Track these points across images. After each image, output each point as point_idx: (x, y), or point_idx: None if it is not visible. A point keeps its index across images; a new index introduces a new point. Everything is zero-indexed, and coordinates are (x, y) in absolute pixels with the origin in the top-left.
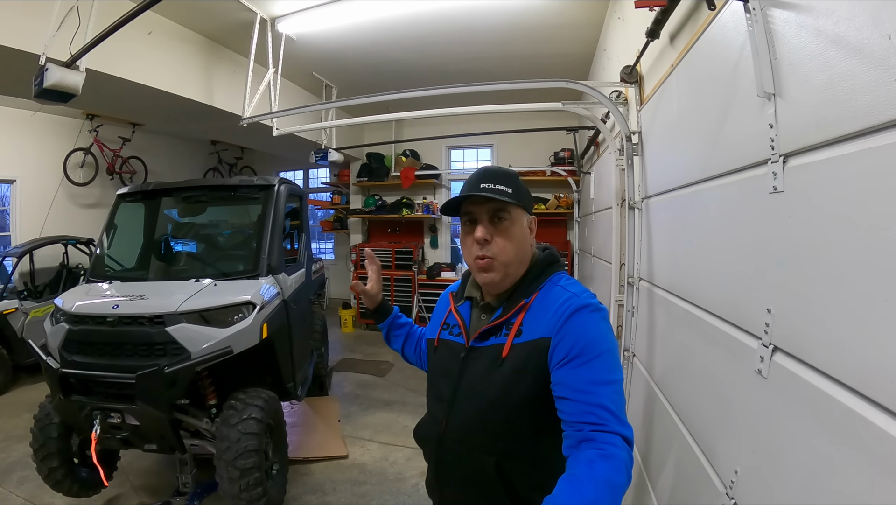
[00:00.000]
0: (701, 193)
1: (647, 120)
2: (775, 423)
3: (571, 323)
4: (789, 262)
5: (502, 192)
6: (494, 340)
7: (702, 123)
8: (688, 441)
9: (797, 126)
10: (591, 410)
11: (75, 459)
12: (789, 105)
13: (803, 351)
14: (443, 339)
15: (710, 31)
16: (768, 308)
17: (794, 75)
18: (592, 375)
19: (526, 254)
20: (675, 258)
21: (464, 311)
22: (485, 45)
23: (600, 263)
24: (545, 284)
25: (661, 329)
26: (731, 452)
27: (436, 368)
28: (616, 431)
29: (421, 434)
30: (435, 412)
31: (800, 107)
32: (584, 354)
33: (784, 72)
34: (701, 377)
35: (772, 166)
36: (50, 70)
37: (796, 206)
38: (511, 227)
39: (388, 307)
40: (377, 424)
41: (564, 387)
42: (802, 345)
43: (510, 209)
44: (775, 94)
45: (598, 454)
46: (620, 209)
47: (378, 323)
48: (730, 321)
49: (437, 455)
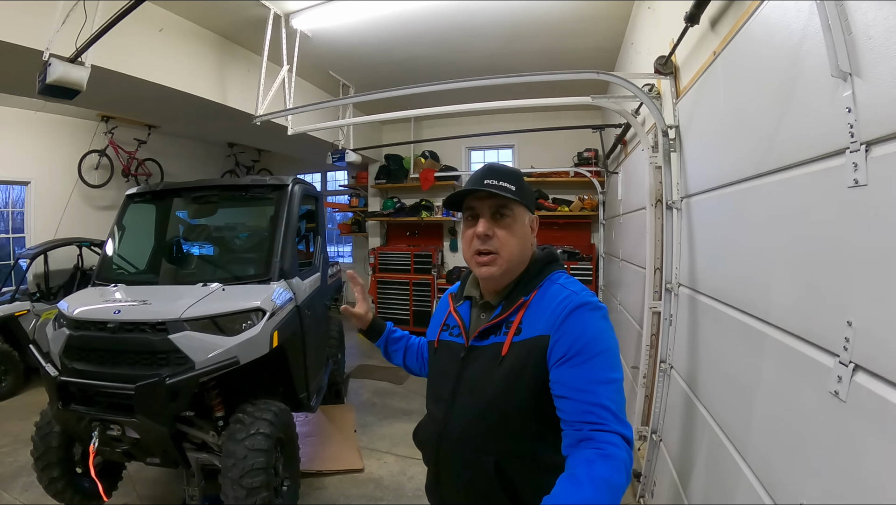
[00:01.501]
0: (758, 190)
1: (685, 113)
2: (854, 452)
3: (570, 321)
4: (876, 266)
5: (505, 189)
6: (494, 338)
7: (756, 113)
8: (740, 466)
9: (881, 109)
10: (591, 409)
11: (77, 468)
12: (870, 85)
13: (893, 371)
14: (442, 340)
15: (763, 11)
16: (849, 321)
17: (875, 51)
18: (592, 373)
19: (527, 252)
20: (725, 262)
21: (463, 311)
22: (507, 40)
23: (630, 268)
24: (544, 281)
25: (706, 341)
26: (796, 483)
27: (436, 370)
28: (615, 431)
29: (420, 436)
30: (434, 413)
31: (883, 86)
32: (583, 352)
33: (862, 48)
34: (760, 397)
35: (851, 156)
36: (53, 65)
37: (884, 200)
38: (513, 223)
39: (380, 325)
40: (395, 434)
41: (563, 386)
42: (892, 364)
43: (512, 206)
44: (852, 74)
45: (597, 454)
46: (655, 209)
47: (374, 341)
48: (798, 335)
49: (436, 456)
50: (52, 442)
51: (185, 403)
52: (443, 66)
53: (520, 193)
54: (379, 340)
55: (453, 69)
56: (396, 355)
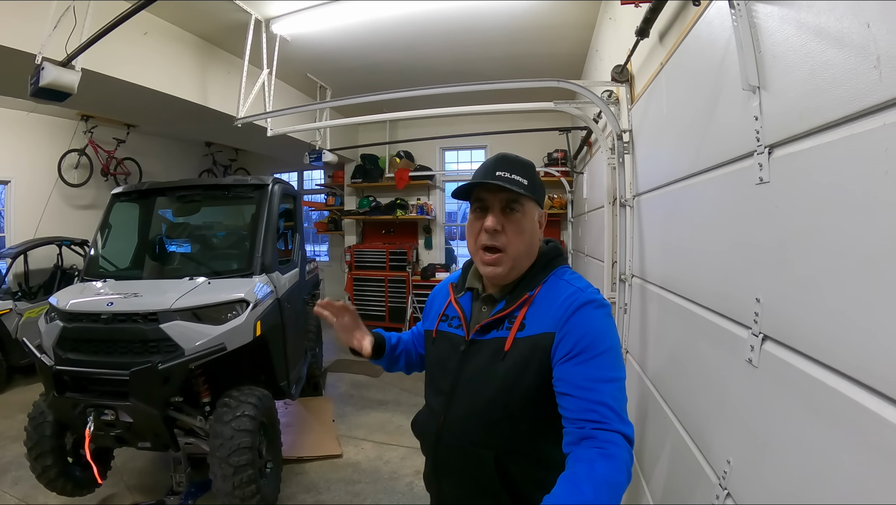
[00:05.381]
0: (690, 188)
1: (637, 118)
2: (767, 411)
3: (576, 318)
4: (777, 250)
5: (518, 183)
6: (496, 333)
7: (690, 119)
8: (681, 434)
9: (781, 117)
10: (593, 407)
11: (69, 458)
12: (773, 97)
13: (793, 339)
14: (441, 330)
15: (697, 28)
16: (757, 297)
17: (778, 67)
18: (596, 371)
19: (534, 248)
20: (667, 253)
21: (464, 302)
22: (478, 47)
23: (593, 262)
24: (549, 277)
25: (653, 325)
26: (723, 442)
27: (434, 361)
28: (617, 430)
29: (419, 427)
30: (433, 405)
31: (783, 98)
32: (587, 350)
33: (768, 64)
34: (693, 370)
35: (757, 157)
36: (46, 69)
37: (782, 195)
38: (523, 218)
39: (379, 343)
40: (371, 423)
41: (567, 383)
42: (792, 333)
43: (524, 201)
44: (760, 87)
45: (598, 453)
46: (612, 207)
47: (372, 360)
48: (721, 313)
49: (434, 449)
50: (46, 431)
51: (175, 387)
52: (415, 70)
53: (531, 188)
54: (381, 360)
55: (426, 73)
56: (397, 367)
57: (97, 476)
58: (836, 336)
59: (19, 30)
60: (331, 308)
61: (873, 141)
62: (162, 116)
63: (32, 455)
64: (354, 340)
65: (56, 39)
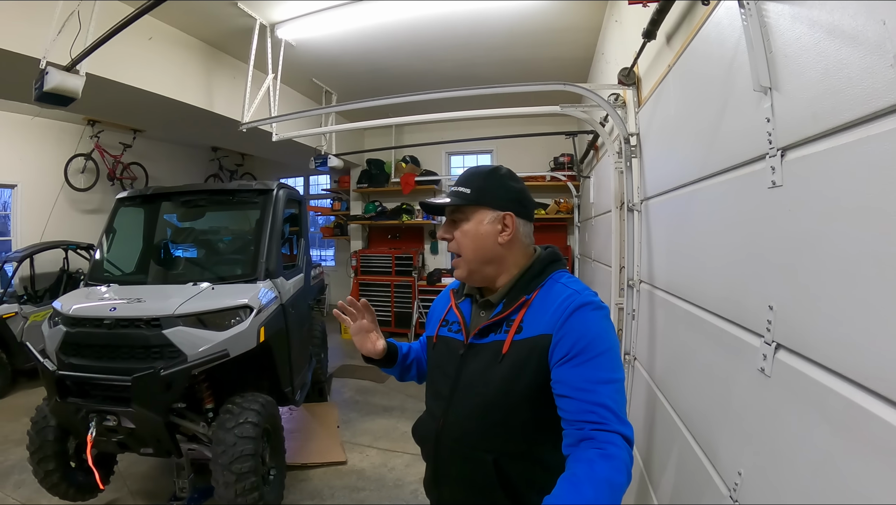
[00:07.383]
0: (699, 192)
1: (644, 121)
2: (779, 421)
3: (573, 320)
4: (791, 256)
5: (459, 195)
6: (494, 336)
7: (699, 122)
8: (689, 443)
9: (794, 118)
10: (592, 408)
11: (72, 462)
12: (786, 98)
13: (807, 347)
14: (441, 335)
15: (705, 29)
16: (770, 305)
17: (790, 67)
18: (594, 373)
19: (489, 251)
20: (675, 258)
21: (464, 308)
22: (485, 50)
23: (601, 267)
24: (546, 281)
25: (661, 331)
26: (734, 453)
27: (434, 365)
28: (616, 431)
29: (419, 432)
30: (433, 409)
31: (796, 99)
32: (585, 352)
33: (780, 65)
34: (703, 378)
35: (770, 160)
36: (50, 74)
37: (796, 199)
38: (465, 224)
39: (392, 351)
40: (376, 430)
41: (565, 385)
42: (806, 341)
43: (464, 209)
44: (771, 88)
45: (598, 454)
46: (620, 212)
47: (383, 368)
48: (731, 320)
49: (434, 453)
50: (48, 436)
51: (177, 393)
52: (422, 74)
53: (475, 195)
54: (393, 369)
55: (432, 78)
56: (409, 375)
57: (99, 481)
58: (853, 345)
59: (23, 34)
60: (353, 307)
61: (891, 142)
62: (167, 121)
63: (35, 459)
64: (369, 343)
65: (60, 44)
